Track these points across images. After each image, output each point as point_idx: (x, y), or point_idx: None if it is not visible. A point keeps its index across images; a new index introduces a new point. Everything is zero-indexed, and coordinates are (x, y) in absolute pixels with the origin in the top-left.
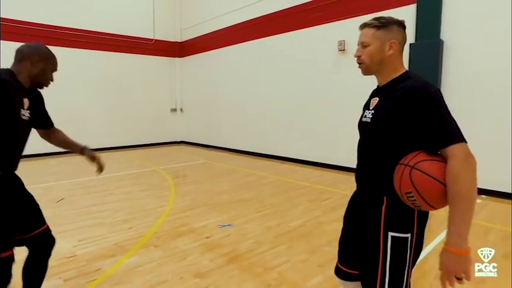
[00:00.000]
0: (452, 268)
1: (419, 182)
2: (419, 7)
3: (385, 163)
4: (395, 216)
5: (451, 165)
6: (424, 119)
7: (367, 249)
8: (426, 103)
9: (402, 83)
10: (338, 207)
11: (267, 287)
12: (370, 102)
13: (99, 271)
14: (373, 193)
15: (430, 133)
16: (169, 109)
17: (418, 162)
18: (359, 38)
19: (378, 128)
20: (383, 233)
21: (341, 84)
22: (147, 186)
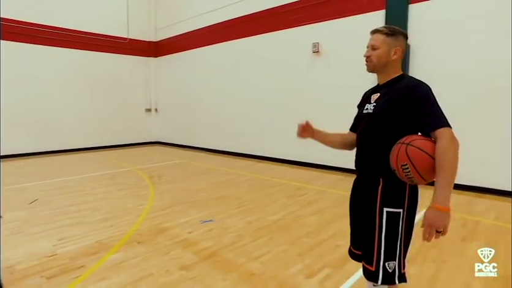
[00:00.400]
0: (434, 222)
1: (413, 156)
2: (387, 13)
3: (383, 148)
4: (389, 194)
5: (439, 143)
6: (417, 109)
7: (367, 225)
8: (419, 96)
9: (400, 82)
10: (315, 201)
11: (251, 275)
12: (371, 97)
13: (83, 268)
14: (371, 177)
15: (422, 120)
16: (144, 109)
17: (413, 140)
18: (369, 41)
19: (379, 117)
20: (379, 209)
21: (315, 84)
22: (124, 186)
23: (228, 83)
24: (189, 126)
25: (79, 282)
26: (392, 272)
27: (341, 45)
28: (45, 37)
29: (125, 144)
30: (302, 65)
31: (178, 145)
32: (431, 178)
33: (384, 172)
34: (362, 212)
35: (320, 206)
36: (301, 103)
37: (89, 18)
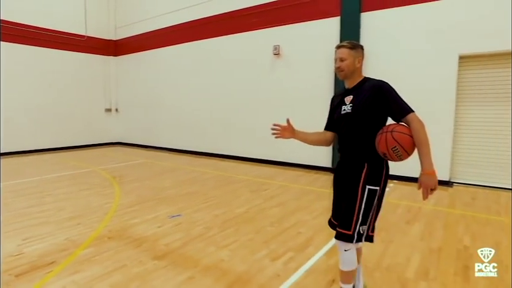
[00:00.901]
0: (428, 183)
1: (399, 139)
2: (342, 19)
3: (365, 139)
4: (371, 176)
5: (413, 126)
6: (387, 103)
7: (348, 199)
8: (387, 92)
9: (365, 83)
10: (277, 195)
11: (220, 261)
12: (345, 99)
13: (54, 264)
14: (358, 162)
15: (394, 110)
16: (103, 109)
17: (394, 128)
18: (336, 54)
19: (358, 115)
20: (361, 186)
21: (276, 85)
22: (87, 186)
23: (190, 83)
24: (151, 126)
25: (52, 276)
26: (362, 233)
27: (300, 47)
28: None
29: (84, 145)
30: (263, 66)
31: (140, 145)
32: (412, 152)
33: (368, 158)
34: (346, 189)
35: (282, 199)
36: (262, 103)
37: (44, 13)
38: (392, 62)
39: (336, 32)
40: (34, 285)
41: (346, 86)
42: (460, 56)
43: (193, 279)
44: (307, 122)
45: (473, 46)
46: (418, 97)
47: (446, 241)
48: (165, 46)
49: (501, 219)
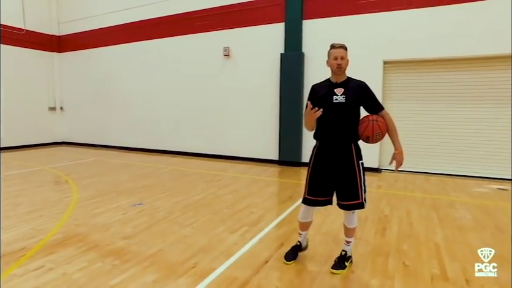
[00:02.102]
0: (401, 160)
1: (381, 126)
2: (286, 26)
3: (352, 125)
4: (358, 153)
5: (387, 117)
6: (371, 99)
7: (349, 174)
8: (370, 91)
9: (352, 81)
10: (230, 184)
11: (185, 237)
12: (335, 91)
13: (25, 249)
14: (347, 144)
15: (374, 105)
16: (47, 107)
17: (376, 118)
18: (337, 53)
19: (351, 105)
20: (356, 162)
21: (225, 84)
22: (40, 183)
23: (141, 82)
24: (100, 125)
25: (27, 258)
26: (366, 199)
27: (248, 50)
28: None
29: (26, 145)
30: (214, 66)
31: (87, 144)
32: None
33: (354, 140)
34: (343, 167)
35: (235, 187)
36: (212, 101)
37: None
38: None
39: (281, 37)
40: (10, 267)
41: (335, 81)
42: (384, 61)
43: (163, 251)
44: (254, 117)
45: (394, 53)
46: None
47: (371, 212)
48: (115, 45)
49: (414, 195)
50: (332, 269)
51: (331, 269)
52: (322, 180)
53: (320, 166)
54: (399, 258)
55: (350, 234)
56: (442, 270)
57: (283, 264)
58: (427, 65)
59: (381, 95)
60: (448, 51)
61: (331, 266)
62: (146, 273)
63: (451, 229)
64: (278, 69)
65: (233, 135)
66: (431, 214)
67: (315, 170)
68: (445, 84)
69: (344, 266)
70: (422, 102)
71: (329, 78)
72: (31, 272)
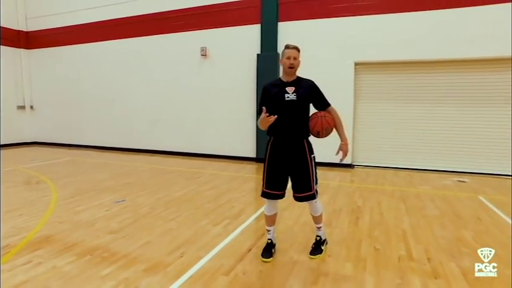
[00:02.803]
0: (346, 150)
1: (330, 121)
2: (262, 27)
3: (303, 121)
4: (309, 148)
5: (333, 112)
6: (319, 96)
7: (302, 168)
8: (318, 89)
9: (301, 80)
10: (210, 181)
11: (170, 230)
12: (286, 89)
13: (9, 246)
14: (299, 139)
15: (322, 102)
16: (15, 106)
17: (324, 114)
18: (290, 53)
19: (302, 102)
20: (308, 156)
21: (202, 84)
22: (15, 183)
23: (115, 81)
24: (73, 124)
25: (13, 254)
26: (318, 190)
27: (225, 50)
28: None
29: None
30: (191, 66)
31: (59, 144)
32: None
33: (306, 136)
34: (297, 161)
35: (215, 183)
36: (190, 100)
37: None
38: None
39: (257, 38)
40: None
41: (286, 80)
42: (355, 62)
43: (150, 243)
44: (231, 115)
45: (365, 55)
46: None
47: (345, 204)
48: (87, 43)
49: (384, 188)
50: (311, 254)
51: (309, 255)
52: (277, 175)
53: (274, 161)
54: (370, 243)
55: (318, 221)
56: (408, 252)
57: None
58: (395, 67)
59: (353, 95)
60: (414, 54)
61: (309, 252)
62: (136, 263)
63: (417, 217)
64: (255, 69)
65: (210, 134)
66: (399, 204)
67: (271, 165)
68: (412, 85)
69: (321, 250)
70: (391, 102)
71: (280, 78)
72: (19, 267)
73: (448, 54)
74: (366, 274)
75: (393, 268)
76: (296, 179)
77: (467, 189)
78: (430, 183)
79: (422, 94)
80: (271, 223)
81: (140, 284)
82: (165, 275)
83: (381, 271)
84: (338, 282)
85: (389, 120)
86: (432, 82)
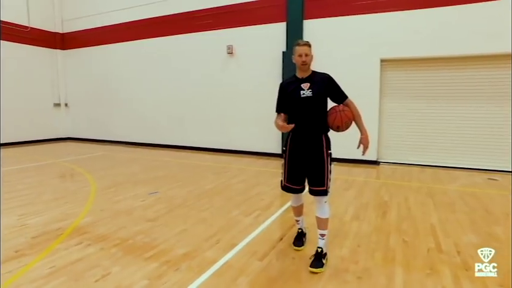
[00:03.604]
0: (366, 142)
1: (349, 115)
2: (287, 25)
3: (321, 116)
4: (327, 143)
5: (352, 106)
6: (336, 90)
7: (318, 163)
8: (334, 82)
9: (316, 75)
10: (238, 175)
11: (204, 219)
12: (301, 85)
13: (61, 229)
14: (318, 135)
15: (339, 96)
16: (52, 104)
17: (343, 108)
18: (302, 50)
19: (319, 98)
20: (325, 152)
21: (229, 81)
22: (56, 175)
23: (144, 79)
24: (104, 121)
25: (65, 236)
26: (330, 187)
27: (251, 48)
28: None
29: (31, 141)
30: (217, 64)
31: (92, 140)
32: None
33: (324, 131)
34: (313, 156)
35: (243, 178)
36: (216, 97)
37: None
38: (330, 63)
39: (283, 36)
40: (53, 243)
41: (300, 76)
42: (381, 59)
43: (186, 230)
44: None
45: (391, 52)
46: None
47: (372, 199)
48: (119, 42)
49: (410, 184)
50: (311, 267)
51: (310, 267)
52: (297, 170)
53: (293, 156)
54: (398, 236)
55: (323, 226)
56: (437, 244)
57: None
58: (421, 63)
59: (378, 92)
60: (441, 50)
61: (309, 264)
62: (175, 248)
63: (445, 212)
64: (281, 66)
65: (236, 130)
66: (427, 200)
67: (290, 160)
68: (438, 81)
69: (322, 263)
70: (417, 98)
71: (295, 74)
72: (73, 247)
73: (476, 50)
74: (395, 263)
75: (422, 259)
76: (311, 173)
77: (498, 186)
78: (459, 181)
79: (449, 91)
80: (299, 214)
81: (181, 266)
82: (203, 259)
83: (410, 262)
84: (368, 270)
85: (415, 117)
86: (459, 78)
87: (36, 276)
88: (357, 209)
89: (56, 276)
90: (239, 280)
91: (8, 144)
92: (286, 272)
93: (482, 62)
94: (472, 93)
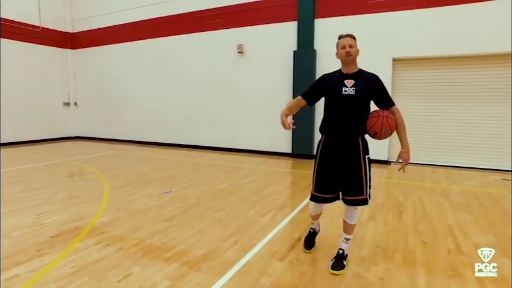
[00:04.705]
0: (407, 159)
1: (391, 123)
2: (299, 24)
3: (360, 118)
4: (364, 147)
5: (397, 115)
6: (383, 93)
7: (354, 169)
8: (382, 84)
9: (363, 73)
10: (250, 175)
11: (220, 219)
12: (345, 82)
13: (79, 228)
14: (354, 137)
15: (385, 100)
16: (61, 103)
17: (387, 114)
18: (345, 42)
19: (361, 98)
20: (362, 156)
21: (239, 80)
22: (69, 174)
23: (154, 78)
24: (114, 120)
25: (84, 235)
26: (370, 194)
27: (262, 47)
28: None
29: (42, 139)
30: (228, 63)
31: (101, 139)
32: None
33: (361, 134)
34: (349, 161)
35: (255, 177)
36: (226, 97)
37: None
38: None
39: (294, 35)
40: (72, 243)
41: (345, 71)
42: (393, 58)
43: (204, 230)
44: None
45: (403, 51)
46: None
47: (386, 199)
48: (127, 42)
49: (424, 184)
50: (333, 269)
51: (331, 269)
52: (329, 177)
53: (326, 162)
54: (416, 236)
55: (350, 231)
56: (457, 246)
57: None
58: (434, 63)
59: (391, 92)
60: (453, 49)
61: (330, 266)
62: (194, 248)
63: (462, 213)
64: (291, 66)
65: (246, 130)
66: (442, 200)
67: (322, 166)
68: (452, 81)
69: (343, 265)
70: (430, 98)
71: (340, 69)
72: (92, 247)
73: (488, 49)
74: (416, 265)
75: (443, 261)
76: (347, 180)
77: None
78: (472, 181)
79: (462, 90)
80: (315, 219)
81: (202, 266)
82: (223, 260)
83: (431, 263)
84: (390, 271)
85: (426, 117)
86: (472, 78)
87: (59, 275)
88: (372, 209)
89: (78, 275)
90: (261, 281)
91: (19, 143)
92: (308, 272)
93: (497, 60)
94: (485, 92)
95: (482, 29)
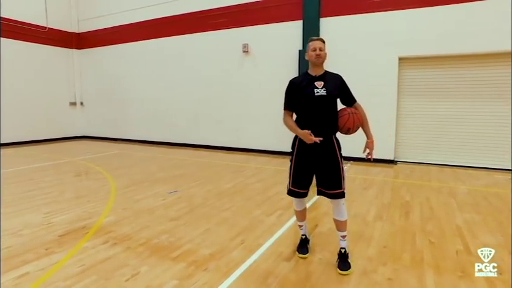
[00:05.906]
0: (372, 148)
1: (360, 118)
2: (304, 23)
3: (333, 117)
4: (338, 145)
5: (360, 109)
6: (347, 91)
7: (332, 165)
8: (346, 84)
9: (329, 74)
10: (255, 174)
11: (226, 219)
12: (315, 83)
13: (86, 227)
14: (329, 136)
15: (350, 98)
16: (67, 103)
17: (354, 111)
18: (315, 45)
19: (332, 97)
20: (338, 153)
21: (244, 80)
22: (75, 173)
23: (159, 77)
24: (119, 119)
25: (91, 234)
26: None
27: (267, 46)
28: None
29: (48, 139)
30: (232, 63)
31: (107, 138)
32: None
33: (334, 132)
34: (326, 158)
35: (261, 177)
36: (231, 96)
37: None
38: (347, 61)
39: (299, 34)
40: (80, 242)
41: (314, 73)
42: (399, 57)
43: (210, 230)
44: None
45: (409, 50)
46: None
47: (393, 199)
48: (132, 42)
49: (430, 184)
50: (341, 270)
51: (339, 270)
52: (304, 172)
53: (302, 159)
54: (424, 237)
55: (343, 228)
56: (465, 246)
57: (323, 240)
58: (440, 61)
59: (396, 91)
60: (460, 48)
61: (337, 266)
62: (201, 248)
63: (470, 213)
64: (297, 65)
65: (251, 129)
66: (449, 200)
67: (299, 163)
68: (458, 80)
69: (349, 264)
70: (436, 97)
71: (308, 71)
72: (100, 246)
73: (496, 47)
74: (424, 265)
75: (452, 261)
76: (325, 176)
77: None
78: (480, 181)
79: (469, 89)
80: (302, 218)
81: (209, 266)
82: (230, 259)
83: (439, 263)
84: (398, 271)
85: (433, 116)
86: (479, 77)
87: (68, 274)
88: (379, 209)
89: (86, 274)
90: (268, 281)
91: (26, 142)
92: (315, 273)
93: (505, 59)
94: (492, 91)
95: (492, 27)
